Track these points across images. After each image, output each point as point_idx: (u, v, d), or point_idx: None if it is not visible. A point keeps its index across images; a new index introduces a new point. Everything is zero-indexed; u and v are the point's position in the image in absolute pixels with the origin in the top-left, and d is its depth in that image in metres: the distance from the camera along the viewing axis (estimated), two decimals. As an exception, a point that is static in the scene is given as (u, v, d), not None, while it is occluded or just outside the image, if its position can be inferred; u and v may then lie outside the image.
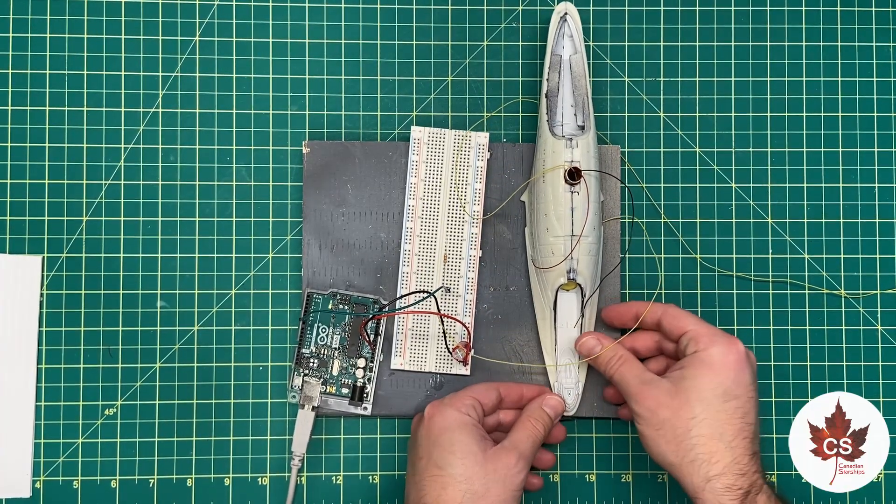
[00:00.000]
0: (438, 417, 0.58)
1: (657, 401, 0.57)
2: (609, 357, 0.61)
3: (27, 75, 0.66)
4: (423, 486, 0.56)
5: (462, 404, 0.58)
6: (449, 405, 0.58)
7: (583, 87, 0.64)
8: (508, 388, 0.62)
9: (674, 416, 0.56)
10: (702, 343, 0.58)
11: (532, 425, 0.60)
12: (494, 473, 0.56)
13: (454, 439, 0.56)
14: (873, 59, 0.68)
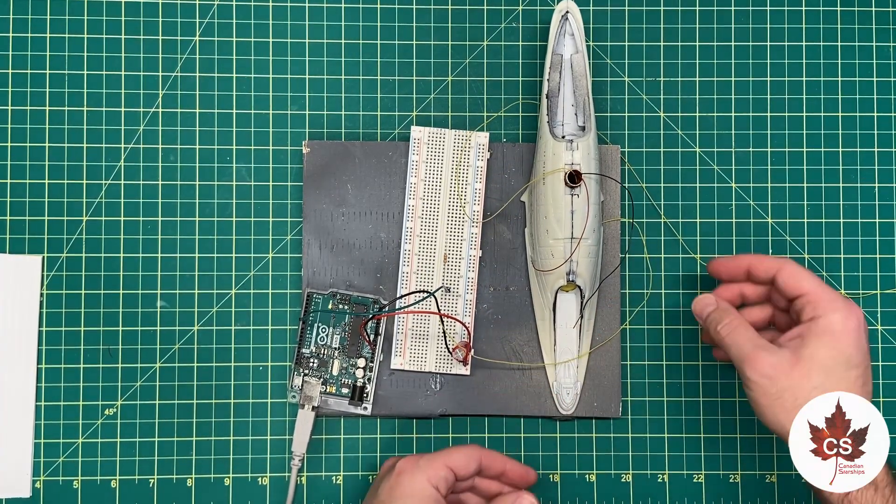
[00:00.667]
0: (407, 479, 0.56)
1: (776, 368, 0.55)
2: (721, 318, 0.59)
3: (27, 75, 0.66)
4: None
5: (435, 474, 0.55)
6: (423, 470, 0.56)
7: (584, 87, 0.64)
8: (491, 460, 0.58)
9: (794, 384, 0.54)
10: (821, 308, 0.56)
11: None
12: None
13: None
14: (873, 59, 0.68)
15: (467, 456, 0.57)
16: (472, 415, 0.66)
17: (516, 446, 0.66)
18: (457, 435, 0.66)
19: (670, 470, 0.66)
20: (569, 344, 0.64)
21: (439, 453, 0.57)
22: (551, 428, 0.66)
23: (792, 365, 0.55)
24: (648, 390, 0.66)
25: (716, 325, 0.59)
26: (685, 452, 0.66)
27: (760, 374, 0.55)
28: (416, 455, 0.57)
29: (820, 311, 0.56)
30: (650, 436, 0.66)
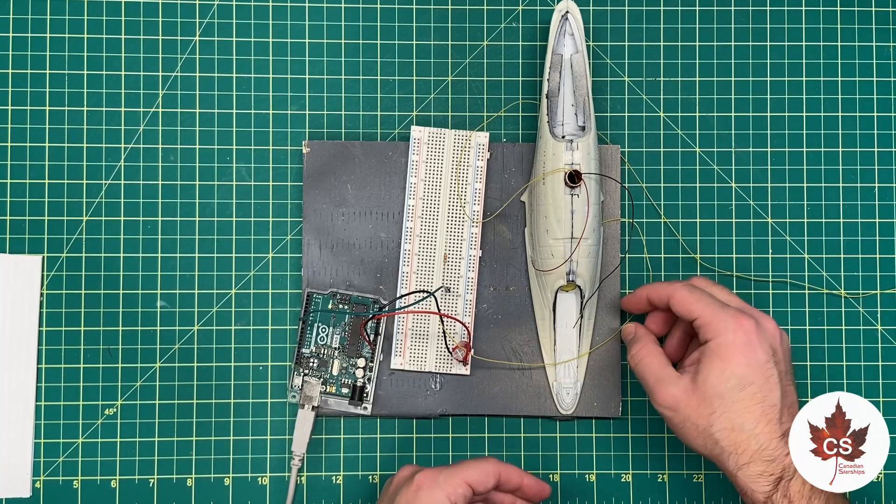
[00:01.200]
0: (425, 494, 0.55)
1: (676, 399, 0.57)
2: (630, 348, 0.61)
3: (27, 75, 0.66)
4: None
5: (454, 491, 0.55)
6: (441, 487, 0.55)
7: (584, 87, 0.64)
8: (509, 475, 0.58)
9: (694, 413, 0.56)
10: (711, 331, 0.57)
11: None
12: None
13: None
14: (873, 59, 0.68)
15: (486, 472, 0.57)
16: (472, 415, 0.66)
17: (516, 446, 0.66)
18: (457, 435, 0.66)
19: (670, 470, 0.66)
20: (569, 344, 0.64)
21: (458, 468, 0.56)
22: (551, 428, 0.66)
23: (689, 394, 0.56)
24: (648, 390, 0.66)
25: (630, 356, 0.61)
26: (685, 452, 0.66)
27: (663, 405, 0.57)
28: (436, 469, 0.56)
29: (710, 333, 0.57)
30: (650, 436, 0.66)
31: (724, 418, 0.55)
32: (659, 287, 0.60)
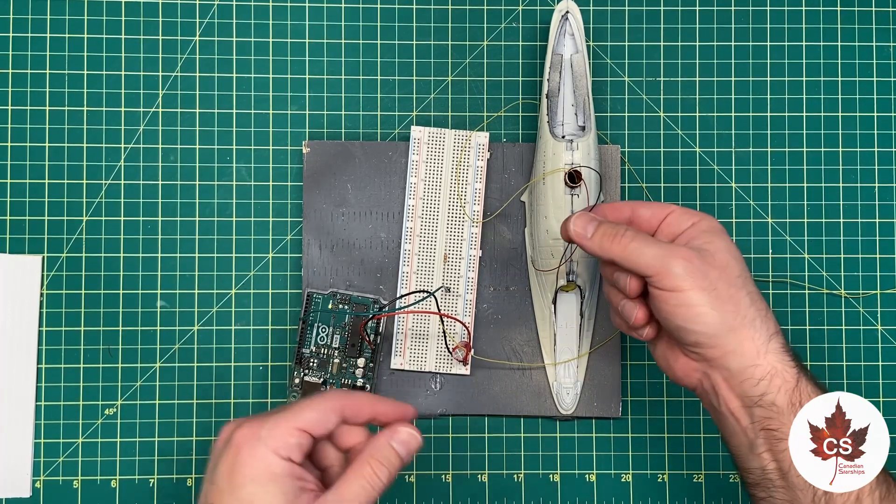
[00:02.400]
0: (248, 457, 0.44)
1: (701, 260, 0.50)
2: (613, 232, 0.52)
3: (27, 75, 0.66)
4: None
5: (283, 443, 0.44)
6: (265, 442, 0.44)
7: (584, 87, 0.64)
8: (357, 408, 0.48)
9: (723, 274, 0.50)
10: (696, 215, 0.53)
11: (371, 472, 0.46)
12: None
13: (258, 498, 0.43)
14: (873, 59, 0.68)
15: (322, 411, 0.46)
16: (472, 415, 0.66)
17: (516, 446, 0.66)
18: (457, 435, 0.66)
19: (670, 470, 0.66)
20: (569, 344, 0.64)
21: (287, 412, 0.46)
22: (551, 428, 0.66)
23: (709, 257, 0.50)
24: (648, 390, 0.66)
25: (612, 238, 0.52)
26: (685, 452, 0.66)
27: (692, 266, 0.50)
28: (257, 420, 0.46)
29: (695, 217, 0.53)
30: (650, 436, 0.66)
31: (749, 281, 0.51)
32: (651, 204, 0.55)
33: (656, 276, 0.50)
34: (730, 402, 0.52)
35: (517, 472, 0.66)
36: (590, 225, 0.53)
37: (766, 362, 0.51)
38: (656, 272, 0.50)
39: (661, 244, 0.51)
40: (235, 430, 0.45)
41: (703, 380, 0.53)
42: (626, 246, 0.51)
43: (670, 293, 0.50)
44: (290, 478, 0.44)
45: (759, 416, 0.51)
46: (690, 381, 0.54)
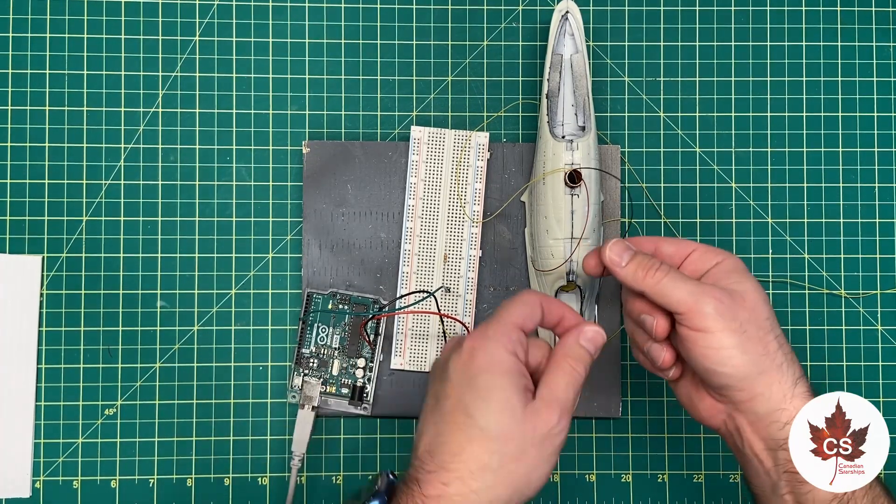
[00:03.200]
0: (482, 354, 0.48)
1: (732, 301, 0.49)
2: (648, 264, 0.51)
3: (27, 75, 0.66)
4: (444, 433, 0.47)
5: (509, 340, 0.48)
6: (494, 339, 0.48)
7: (584, 87, 0.64)
8: (550, 305, 0.51)
9: (753, 315, 0.49)
10: (720, 254, 0.52)
11: (571, 367, 0.49)
12: (533, 433, 0.46)
13: (494, 385, 0.47)
14: (873, 59, 0.68)
15: (530, 304, 0.50)
16: (472, 415, 0.66)
17: (516, 446, 0.66)
18: (457, 435, 0.66)
19: (670, 470, 0.66)
20: (569, 344, 0.64)
21: (501, 314, 0.50)
22: (551, 428, 0.66)
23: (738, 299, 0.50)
24: (648, 390, 0.66)
25: (646, 270, 0.51)
26: (685, 452, 0.66)
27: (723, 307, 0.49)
28: (480, 328, 0.50)
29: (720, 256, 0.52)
30: (650, 436, 0.66)
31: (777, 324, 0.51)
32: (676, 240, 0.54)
33: (687, 314, 0.50)
34: (754, 445, 0.52)
35: (517, 472, 0.66)
36: (626, 254, 0.53)
37: (793, 406, 0.50)
38: (688, 310, 0.50)
39: (694, 282, 0.50)
40: (463, 340, 0.49)
41: (727, 421, 0.53)
42: (659, 280, 0.51)
43: (700, 333, 0.50)
44: (518, 373, 0.48)
45: (783, 458, 0.51)
46: (715, 422, 0.54)
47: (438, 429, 0.47)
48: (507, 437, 0.46)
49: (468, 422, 0.46)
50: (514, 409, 0.46)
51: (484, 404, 0.46)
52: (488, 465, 0.45)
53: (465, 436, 0.46)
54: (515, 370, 0.48)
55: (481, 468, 0.45)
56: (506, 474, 0.46)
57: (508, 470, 0.46)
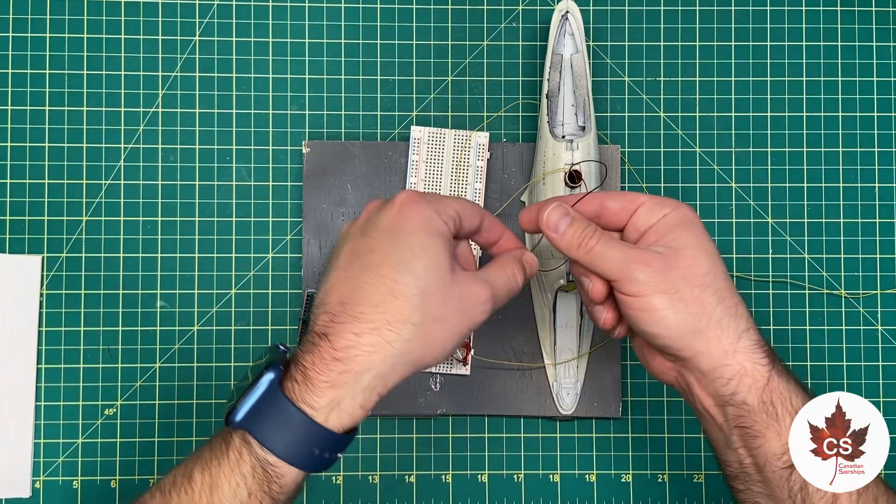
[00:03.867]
0: (415, 210, 0.47)
1: (663, 263, 0.49)
2: (581, 233, 0.50)
3: (27, 75, 0.66)
4: (364, 286, 0.45)
5: (443, 210, 0.47)
6: (429, 202, 0.47)
7: (584, 87, 0.64)
8: (491, 222, 0.52)
9: (686, 274, 0.49)
10: (668, 206, 0.51)
11: (513, 273, 0.50)
12: (459, 300, 0.46)
13: (426, 245, 0.46)
14: (873, 59, 0.68)
15: (472, 208, 0.50)
16: (472, 415, 0.66)
17: (516, 446, 0.66)
18: (457, 435, 0.66)
19: (670, 470, 0.66)
20: (569, 344, 0.64)
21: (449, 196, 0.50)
22: (551, 428, 0.66)
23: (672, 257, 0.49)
24: (648, 390, 0.66)
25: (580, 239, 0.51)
26: (685, 452, 0.66)
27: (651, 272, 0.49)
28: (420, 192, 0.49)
29: (668, 208, 0.51)
30: (650, 436, 0.66)
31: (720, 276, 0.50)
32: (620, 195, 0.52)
33: (618, 282, 0.50)
34: (704, 401, 0.51)
35: (517, 472, 0.66)
36: (563, 220, 0.51)
37: (735, 362, 0.49)
38: (617, 277, 0.50)
39: (624, 248, 0.50)
40: (396, 194, 0.48)
41: (678, 378, 0.53)
42: (590, 248, 0.50)
43: (633, 298, 0.49)
44: (448, 241, 0.47)
45: (732, 413, 0.51)
46: (667, 378, 0.54)
47: (358, 282, 0.46)
48: (433, 297, 0.45)
49: (395, 277, 0.45)
50: (444, 272, 0.46)
51: (414, 261, 0.45)
52: (409, 319, 0.45)
53: (389, 289, 0.45)
54: (447, 236, 0.47)
55: (401, 321, 0.45)
56: (424, 332, 0.45)
57: (428, 328, 0.45)
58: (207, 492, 0.45)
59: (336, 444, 0.45)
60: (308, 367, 0.45)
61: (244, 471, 0.45)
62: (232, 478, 0.45)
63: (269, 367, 0.45)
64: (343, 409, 0.45)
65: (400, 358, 0.45)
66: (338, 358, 0.45)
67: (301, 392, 0.45)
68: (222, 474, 0.45)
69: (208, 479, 0.45)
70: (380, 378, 0.45)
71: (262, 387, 0.45)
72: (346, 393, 0.44)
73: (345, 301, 0.46)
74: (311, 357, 0.45)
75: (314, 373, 0.45)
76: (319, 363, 0.45)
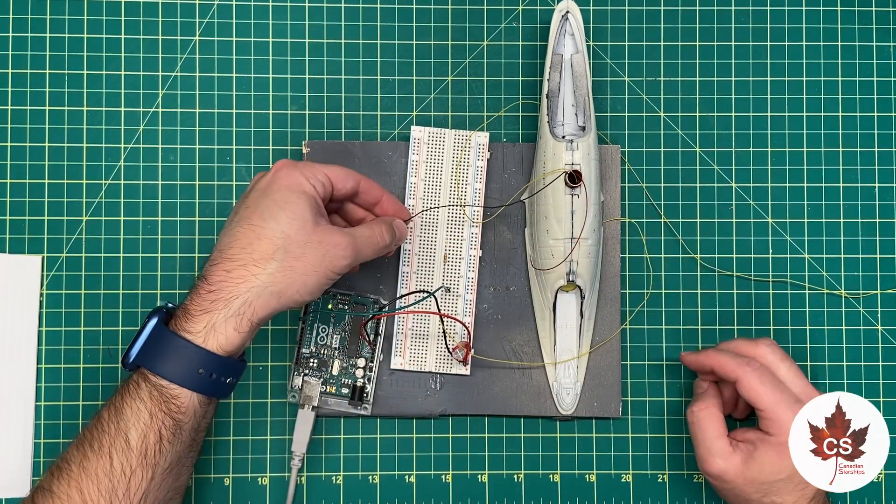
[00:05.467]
0: (284, 174, 0.55)
1: (723, 472, 0.58)
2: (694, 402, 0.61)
3: (27, 75, 0.66)
4: (236, 233, 0.53)
5: (312, 175, 0.55)
6: (300, 170, 0.55)
7: (584, 87, 0.64)
8: (369, 186, 0.59)
9: (739, 487, 0.58)
10: (772, 427, 0.57)
11: (381, 231, 0.58)
12: (318, 245, 0.54)
13: (290, 199, 0.54)
14: (873, 59, 0.68)
15: (347, 173, 0.58)
16: (472, 415, 0.66)
17: (516, 446, 0.66)
18: (457, 435, 0.66)
19: (670, 470, 0.66)
20: (569, 344, 0.64)
21: (319, 164, 0.57)
22: (551, 428, 0.66)
23: (738, 472, 0.58)
24: (648, 390, 0.66)
25: (690, 408, 0.61)
26: (685, 452, 0.66)
27: (710, 474, 0.59)
28: (296, 161, 0.57)
29: (774, 430, 0.57)
30: (650, 436, 0.66)
31: (768, 497, 0.58)
32: (726, 364, 0.59)
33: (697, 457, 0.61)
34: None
35: (517, 472, 0.66)
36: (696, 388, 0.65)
37: None
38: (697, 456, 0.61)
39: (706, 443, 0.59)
40: (275, 164, 0.56)
41: None
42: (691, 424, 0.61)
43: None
44: (314, 199, 0.54)
45: None
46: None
47: (232, 231, 0.54)
48: (293, 240, 0.53)
49: (260, 223, 0.53)
50: (305, 221, 0.53)
51: (277, 210, 0.53)
52: (272, 257, 0.52)
53: (255, 234, 0.53)
54: (312, 196, 0.55)
55: (265, 258, 0.52)
56: (286, 268, 0.52)
57: (289, 265, 0.52)
58: (115, 421, 0.52)
59: (220, 364, 0.52)
60: (187, 303, 0.53)
61: (143, 395, 0.52)
62: (132, 404, 0.52)
63: (152, 313, 0.54)
64: (218, 331, 0.52)
65: (264, 288, 0.52)
66: (211, 290, 0.52)
67: (181, 323, 0.53)
68: (125, 403, 0.53)
69: (113, 412, 0.53)
70: (247, 305, 0.52)
71: (149, 328, 0.53)
72: (219, 318, 0.52)
73: (221, 248, 0.53)
74: (190, 296, 0.53)
75: (192, 306, 0.53)
76: (196, 298, 0.53)
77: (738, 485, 0.58)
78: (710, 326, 0.66)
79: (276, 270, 0.52)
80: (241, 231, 0.53)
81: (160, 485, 0.53)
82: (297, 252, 0.53)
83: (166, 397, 0.52)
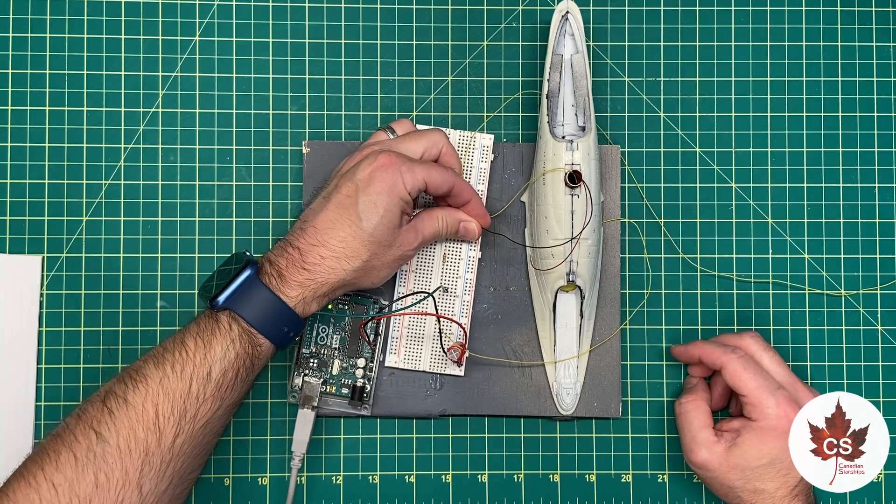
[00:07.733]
0: (387, 176, 0.58)
1: (707, 462, 0.60)
2: (683, 399, 0.63)
3: (27, 75, 0.66)
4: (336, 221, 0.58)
5: (412, 180, 0.58)
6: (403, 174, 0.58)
7: (584, 87, 0.64)
8: (461, 189, 0.61)
9: (722, 475, 0.60)
10: (755, 413, 0.59)
11: (443, 220, 0.62)
12: (398, 247, 0.59)
13: (387, 205, 0.57)
14: (873, 59, 0.68)
15: (444, 178, 0.60)
16: (472, 415, 0.66)
17: (516, 446, 0.66)
18: (457, 435, 0.66)
19: (670, 470, 0.66)
20: (569, 344, 0.64)
21: (425, 164, 0.60)
22: (551, 428, 0.66)
23: (721, 460, 0.60)
24: (648, 390, 0.66)
25: (678, 401, 0.63)
26: (685, 452, 0.66)
27: (694, 463, 0.61)
28: (397, 155, 0.59)
29: (755, 415, 0.59)
30: (650, 436, 0.66)
31: (751, 484, 0.59)
32: (713, 352, 0.61)
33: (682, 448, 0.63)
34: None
35: (517, 472, 0.66)
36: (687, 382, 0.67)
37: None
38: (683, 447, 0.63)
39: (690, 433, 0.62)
40: (381, 151, 0.59)
41: None
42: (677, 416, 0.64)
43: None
44: (406, 203, 0.59)
45: None
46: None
47: (331, 217, 0.58)
48: (380, 242, 0.58)
49: (357, 223, 0.57)
50: (393, 225, 0.58)
51: (373, 212, 0.57)
52: (360, 256, 0.58)
53: (351, 231, 0.57)
54: (407, 201, 0.59)
55: (355, 256, 0.58)
56: (369, 267, 0.58)
57: (371, 264, 0.58)
58: (202, 353, 0.56)
59: (299, 325, 0.58)
60: (283, 269, 0.57)
61: (233, 336, 0.56)
62: (223, 341, 0.56)
63: (248, 265, 0.57)
64: (307, 304, 0.58)
65: (347, 280, 0.58)
66: (306, 268, 0.57)
67: (279, 285, 0.57)
68: (215, 339, 0.56)
69: (202, 344, 0.56)
70: (331, 290, 0.58)
71: (243, 277, 0.57)
72: (309, 293, 0.58)
73: (319, 228, 0.58)
74: (284, 262, 0.58)
75: (288, 274, 0.57)
76: (292, 269, 0.57)
77: (721, 472, 0.59)
78: (710, 326, 0.66)
79: (359, 268, 0.58)
80: (339, 222, 0.58)
81: (221, 418, 0.57)
82: (381, 252, 0.58)
83: (253, 343, 0.57)
